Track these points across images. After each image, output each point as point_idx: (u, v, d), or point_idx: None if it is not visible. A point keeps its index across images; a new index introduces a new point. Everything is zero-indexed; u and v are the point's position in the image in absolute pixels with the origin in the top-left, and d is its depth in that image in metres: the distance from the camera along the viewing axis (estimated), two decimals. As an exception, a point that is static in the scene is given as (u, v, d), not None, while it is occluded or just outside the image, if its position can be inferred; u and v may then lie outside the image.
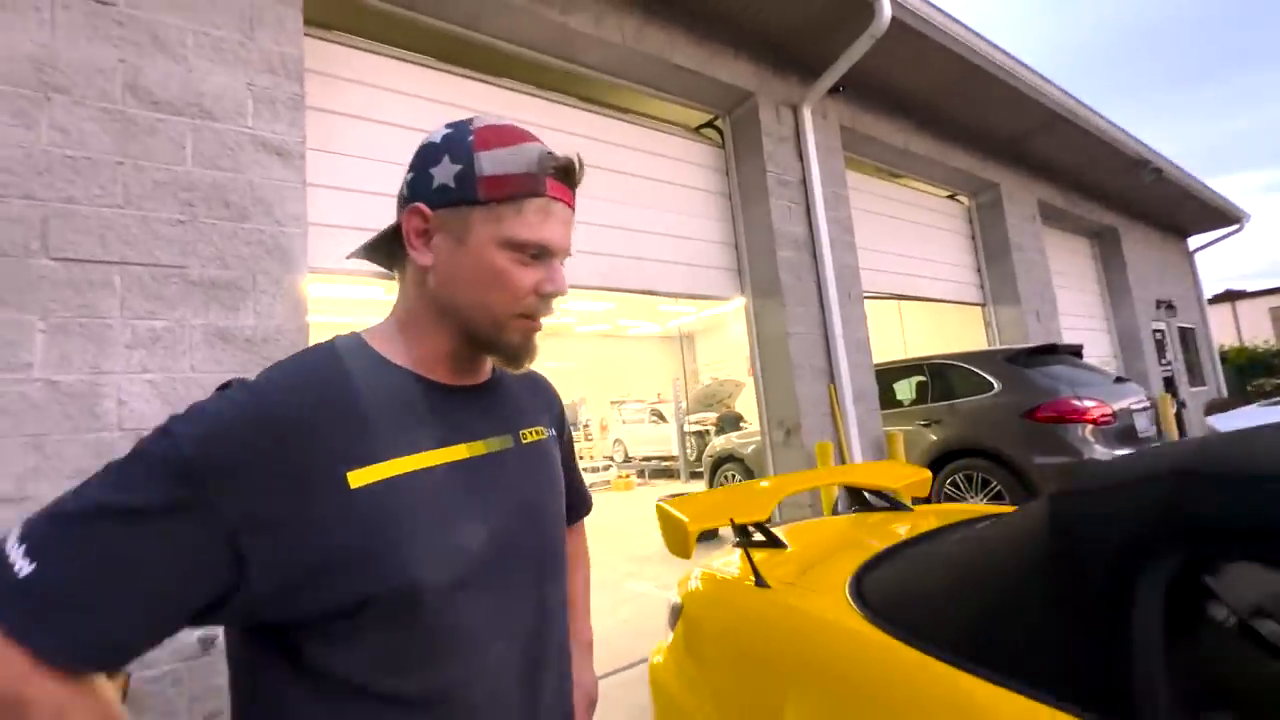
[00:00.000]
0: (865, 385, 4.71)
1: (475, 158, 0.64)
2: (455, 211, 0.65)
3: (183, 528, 0.51)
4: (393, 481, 0.59)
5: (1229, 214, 10.68)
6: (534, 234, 0.65)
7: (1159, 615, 0.88)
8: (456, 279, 0.66)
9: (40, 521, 0.50)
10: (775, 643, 1.43)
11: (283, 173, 2.52)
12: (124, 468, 0.53)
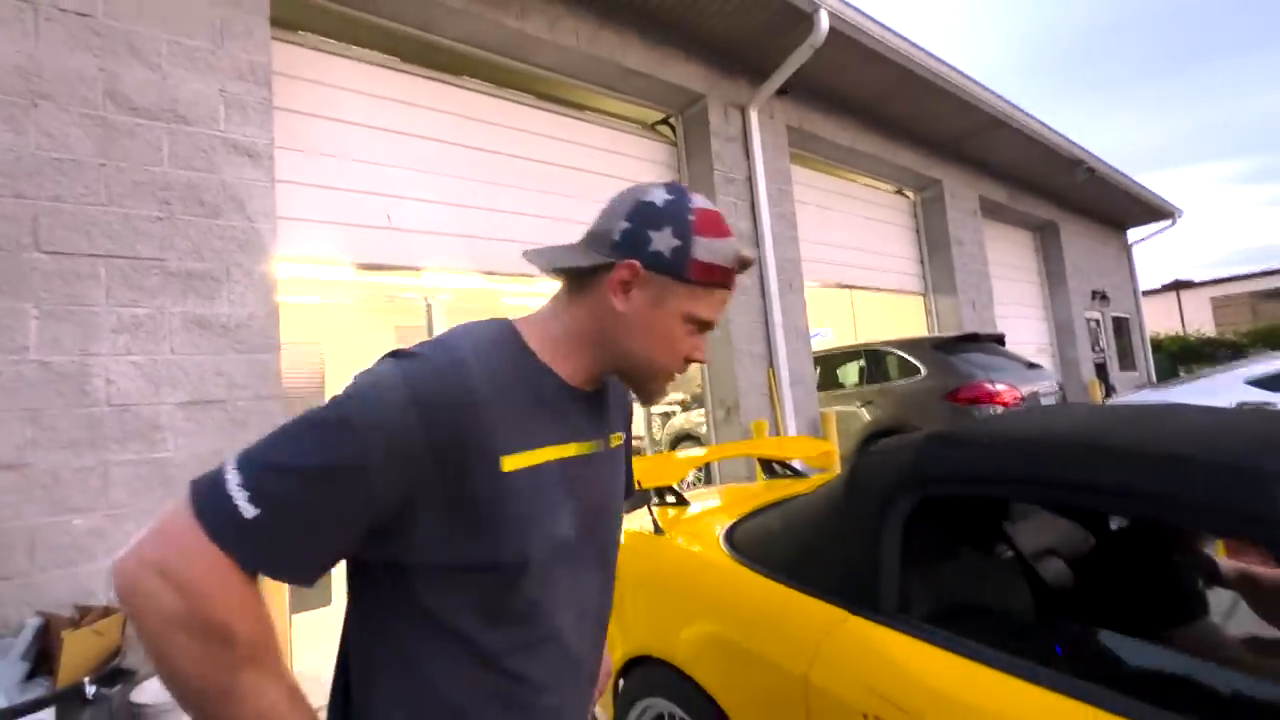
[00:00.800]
0: (803, 369, 5.12)
1: (694, 240, 0.72)
2: (662, 279, 0.72)
3: (373, 487, 0.60)
4: (531, 469, 0.69)
5: (1162, 209, 11.35)
6: (709, 314, 0.76)
7: (898, 539, 1.25)
8: (637, 330, 0.74)
9: (261, 470, 0.58)
10: (667, 576, 1.79)
11: (253, 172, 2.75)
12: (332, 430, 0.60)
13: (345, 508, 0.60)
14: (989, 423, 1.43)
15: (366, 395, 0.62)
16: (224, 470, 0.58)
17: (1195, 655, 1.06)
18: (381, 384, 0.63)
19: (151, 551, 0.56)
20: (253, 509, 0.56)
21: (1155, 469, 0.98)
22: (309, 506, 0.58)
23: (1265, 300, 24.34)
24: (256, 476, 0.57)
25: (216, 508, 0.56)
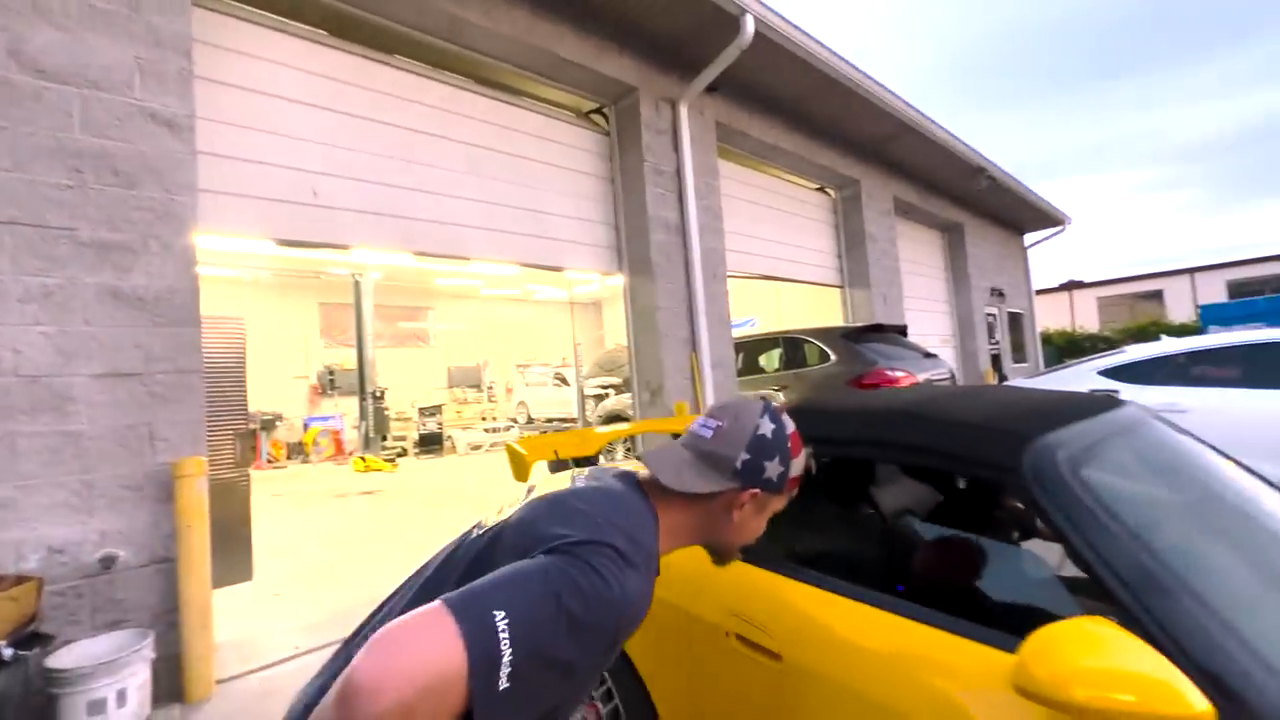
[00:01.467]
0: (724, 354, 5.43)
1: (791, 464, 0.96)
2: (768, 496, 0.95)
3: (590, 678, 0.76)
4: None
5: (1055, 217, 12.48)
6: (778, 509, 1.00)
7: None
8: (742, 530, 0.96)
9: (528, 652, 0.64)
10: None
11: (172, 143, 2.72)
12: (587, 634, 0.70)
13: (565, 693, 0.72)
14: (845, 397, 1.71)
15: (608, 605, 0.71)
16: (498, 633, 0.63)
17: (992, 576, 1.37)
18: (618, 601, 0.72)
19: (413, 691, 0.58)
20: (508, 683, 0.62)
21: (946, 431, 1.27)
22: (546, 695, 0.68)
23: (1142, 301, 27.12)
24: (523, 656, 0.64)
25: (488, 671, 0.62)
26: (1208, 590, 0.95)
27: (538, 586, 0.69)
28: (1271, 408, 3.92)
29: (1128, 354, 4.88)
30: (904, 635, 1.14)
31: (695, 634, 1.44)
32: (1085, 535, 1.02)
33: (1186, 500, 1.27)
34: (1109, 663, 0.82)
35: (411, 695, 0.58)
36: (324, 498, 7.49)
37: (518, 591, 0.68)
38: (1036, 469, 1.12)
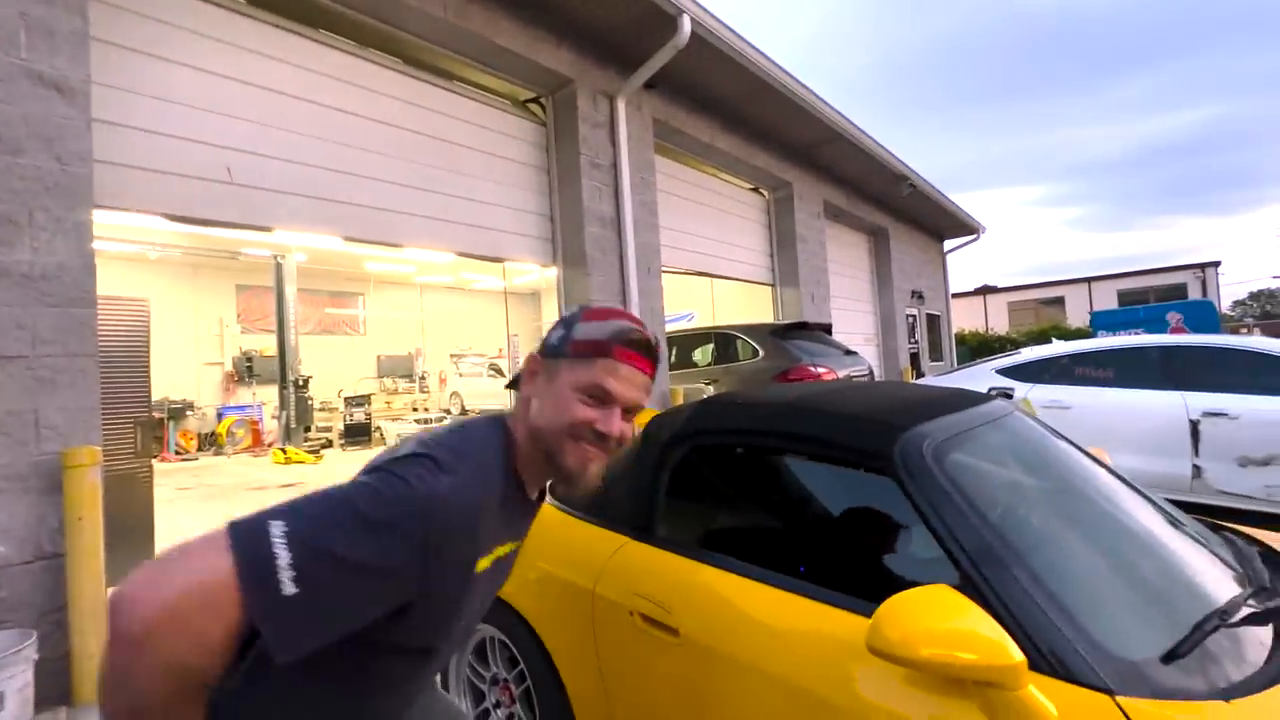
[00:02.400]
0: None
1: (575, 328, 0.88)
2: (552, 362, 0.87)
3: (401, 585, 0.69)
4: (488, 567, 0.82)
5: (970, 225, 13.34)
6: (596, 381, 0.84)
7: (668, 480, 1.59)
8: (543, 407, 0.86)
9: (310, 552, 0.62)
10: (496, 524, 2.03)
11: (63, 109, 2.52)
12: (379, 530, 0.66)
13: (372, 602, 0.67)
14: (747, 393, 1.82)
15: (407, 503, 0.68)
16: (271, 536, 0.62)
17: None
18: (422, 497, 0.69)
19: (176, 597, 0.58)
20: (294, 588, 0.60)
21: (830, 423, 1.39)
22: (342, 597, 0.64)
23: (1046, 306, 29.37)
24: (305, 557, 0.61)
25: (260, 576, 0.59)
26: (1035, 562, 1.10)
27: (331, 497, 0.68)
28: (1136, 404, 4.38)
29: (1022, 355, 5.32)
30: (791, 609, 1.24)
31: (600, 614, 1.51)
32: (940, 514, 1.16)
33: (1031, 485, 1.44)
34: (947, 625, 0.94)
35: (175, 599, 0.57)
36: (238, 491, 7.13)
37: (305, 504, 0.67)
38: (905, 456, 1.25)
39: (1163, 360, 4.45)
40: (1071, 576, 1.13)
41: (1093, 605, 1.07)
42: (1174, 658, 0.99)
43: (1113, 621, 1.05)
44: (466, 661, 1.93)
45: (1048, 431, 1.68)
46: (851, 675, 1.10)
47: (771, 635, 1.23)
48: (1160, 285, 25.60)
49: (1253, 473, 3.89)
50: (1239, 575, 1.27)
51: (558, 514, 1.82)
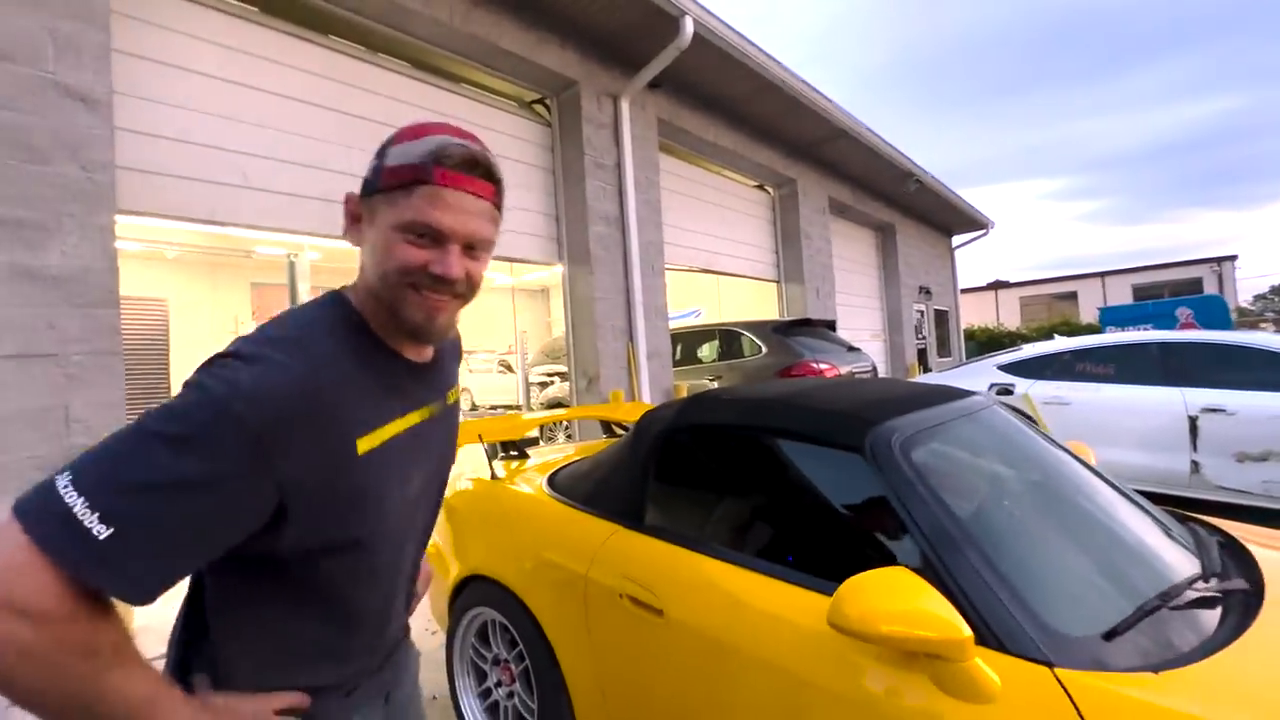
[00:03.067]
0: (660, 345, 5.63)
1: (386, 152, 0.71)
2: (369, 200, 0.72)
3: (241, 491, 0.60)
4: (382, 446, 0.71)
5: (978, 221, 13.28)
6: (419, 216, 0.68)
7: (655, 471, 1.69)
8: (374, 254, 0.72)
9: (109, 489, 0.55)
10: (497, 511, 2.13)
11: (88, 119, 2.65)
12: (181, 445, 0.57)
13: (213, 520, 0.59)
14: (732, 389, 1.91)
15: (203, 408, 0.59)
16: (57, 490, 0.55)
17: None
18: (219, 398, 0.59)
19: None
20: (106, 529, 0.53)
21: (808, 418, 1.48)
22: (167, 523, 0.56)
23: (1059, 300, 29.06)
24: (105, 496, 0.54)
25: (62, 534, 0.53)
26: (989, 545, 1.18)
27: (121, 431, 0.60)
28: (1136, 400, 4.41)
29: (1024, 351, 5.35)
30: (765, 590, 1.33)
31: (592, 597, 1.61)
32: (903, 502, 1.24)
33: (996, 474, 1.52)
34: (902, 603, 1.02)
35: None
36: (254, 484, 7.29)
37: (93, 449, 0.59)
38: (874, 448, 1.33)
39: (1162, 357, 4.47)
40: (1023, 559, 1.22)
41: (1040, 586, 1.15)
42: (1114, 635, 1.07)
43: (1058, 601, 1.14)
44: (470, 643, 2.04)
45: (1023, 425, 1.75)
46: (816, 650, 1.19)
47: (746, 614, 1.32)
48: (1175, 280, 25.26)
49: (1250, 468, 3.92)
50: (1192, 562, 1.34)
51: (555, 504, 1.92)
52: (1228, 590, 1.22)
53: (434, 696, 2.31)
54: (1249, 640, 1.06)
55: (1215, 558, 1.38)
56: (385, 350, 0.75)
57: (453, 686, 2.08)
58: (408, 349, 0.78)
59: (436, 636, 2.81)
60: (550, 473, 2.17)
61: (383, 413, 0.72)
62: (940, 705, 1.03)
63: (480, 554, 2.05)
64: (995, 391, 5.13)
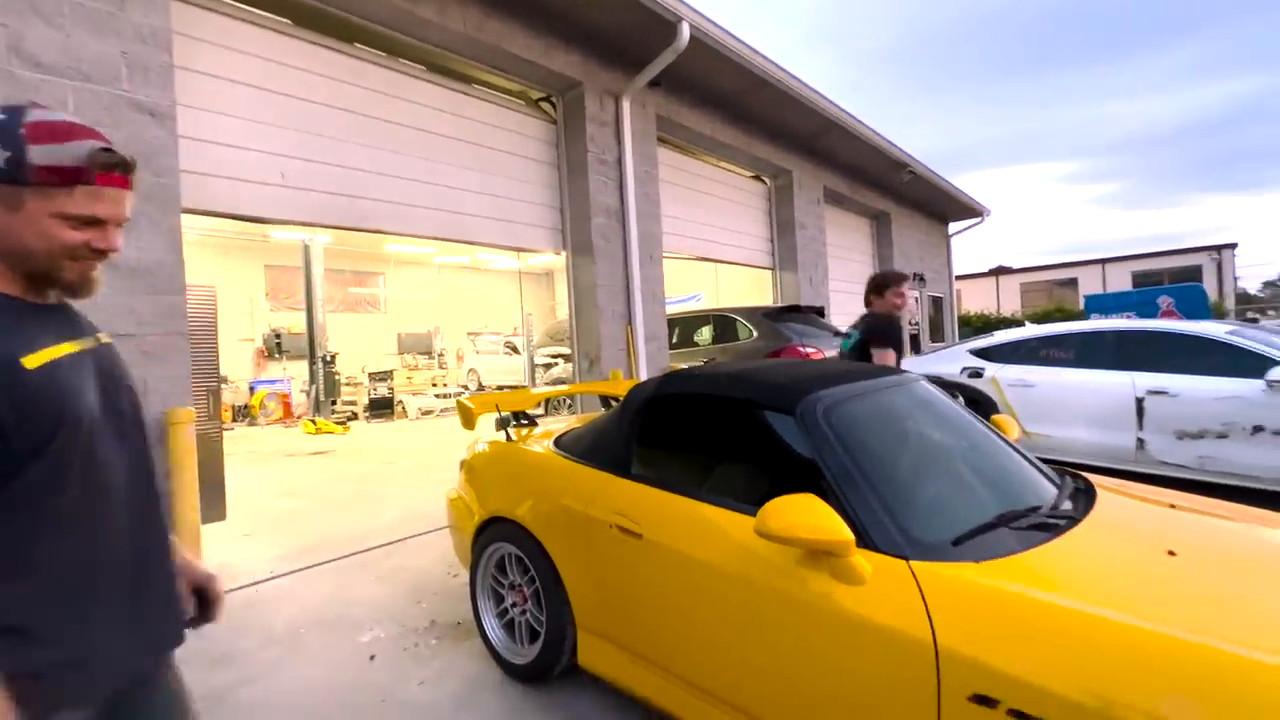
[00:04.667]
0: (657, 329, 6.05)
1: (27, 150, 0.80)
2: (9, 188, 0.81)
3: None
4: (52, 362, 0.83)
5: (974, 209, 13.56)
6: (85, 210, 0.83)
7: (639, 433, 2.12)
8: (21, 236, 0.82)
9: None
10: (512, 466, 2.58)
11: (156, 131, 3.06)
12: None
13: None
14: (702, 367, 2.33)
15: None
16: None
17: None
18: None
19: None
20: None
21: (755, 388, 1.90)
22: None
23: (1060, 287, 29.26)
24: None
25: None
26: (876, 480, 1.61)
27: None
28: (1091, 383, 4.82)
29: (995, 338, 5.74)
30: (716, 517, 1.77)
31: (591, 530, 2.05)
32: (819, 451, 1.67)
33: (900, 430, 1.94)
34: (808, 517, 1.45)
35: None
36: (276, 457, 7.79)
37: None
38: (803, 413, 1.76)
39: (1117, 344, 4.87)
40: (901, 490, 1.64)
41: (911, 509, 1.58)
42: (960, 541, 1.50)
43: (922, 519, 1.56)
44: (490, 574, 2.50)
45: (936, 397, 2.17)
46: (749, 554, 1.63)
47: (701, 533, 1.76)
48: (1175, 267, 25.44)
49: (1188, 445, 4.33)
50: (1044, 498, 1.77)
51: (561, 460, 2.36)
52: (1056, 516, 1.65)
53: (459, 623, 2.79)
54: (1049, 547, 1.49)
55: (1065, 496, 1.81)
56: (13, 302, 0.86)
57: (476, 611, 2.54)
58: (36, 295, 0.89)
59: (458, 579, 3.29)
60: (556, 436, 2.62)
61: (37, 341, 0.83)
62: (831, 587, 1.47)
63: (498, 500, 2.49)
64: (967, 374, 5.54)
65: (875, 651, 1.38)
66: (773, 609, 1.57)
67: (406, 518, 4.47)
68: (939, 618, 1.32)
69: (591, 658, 2.10)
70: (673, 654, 1.83)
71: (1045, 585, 1.33)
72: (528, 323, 13.35)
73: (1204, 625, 1.17)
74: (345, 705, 2.20)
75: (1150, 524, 1.69)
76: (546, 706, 2.15)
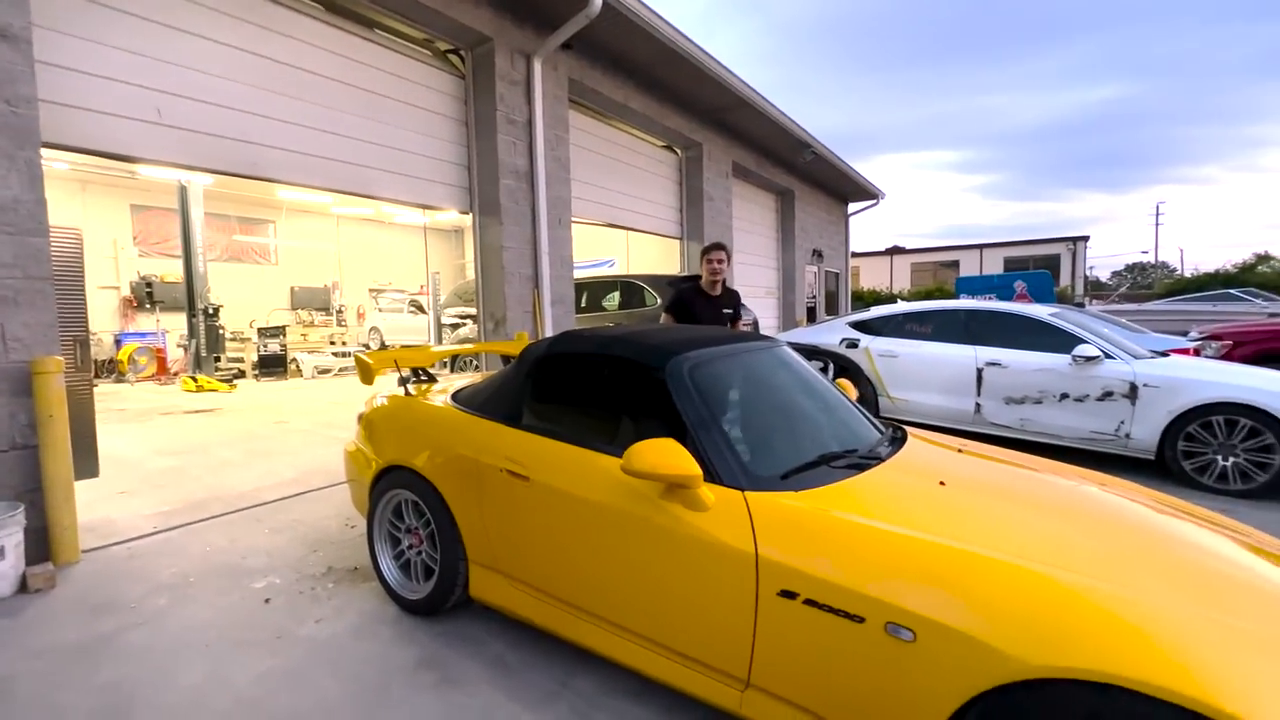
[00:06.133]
0: (564, 292, 6.19)
1: None
2: None
3: None
4: None
5: (870, 191, 14.53)
6: None
7: (531, 386, 2.32)
8: None
9: None
10: (411, 419, 2.70)
11: (9, 54, 2.80)
12: None
13: None
14: (589, 329, 2.56)
15: None
16: None
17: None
18: None
19: None
20: None
21: (631, 349, 2.15)
22: None
23: (944, 268, 31.97)
24: None
25: None
26: (724, 426, 1.91)
27: None
28: (943, 355, 5.52)
29: (871, 313, 6.38)
30: (592, 460, 2.02)
31: (483, 475, 2.25)
32: (681, 402, 1.95)
33: (753, 386, 2.27)
34: (665, 457, 1.72)
35: None
36: (151, 415, 7.30)
37: None
38: (671, 371, 2.03)
39: (966, 321, 5.59)
40: (745, 434, 1.97)
41: (752, 449, 1.90)
42: (788, 475, 1.83)
43: (760, 457, 1.89)
44: (388, 519, 2.64)
45: (791, 360, 2.53)
46: (617, 489, 1.89)
47: (579, 473, 2.01)
48: (1039, 255, 28.47)
49: (1013, 409, 5.11)
50: (865, 442, 2.16)
51: (458, 412, 2.52)
52: (868, 457, 2.03)
53: (356, 568, 2.91)
54: (854, 480, 1.86)
55: (883, 443, 2.21)
56: None
57: (373, 554, 2.68)
58: None
59: (356, 529, 3.38)
60: (453, 391, 2.76)
61: None
62: (682, 514, 1.76)
63: (396, 450, 2.62)
64: (844, 344, 6.14)
65: (714, 562, 1.70)
66: (636, 534, 1.85)
67: (302, 475, 4.44)
68: (760, 534, 1.64)
69: (482, 589, 2.33)
70: (553, 579, 2.09)
71: (841, 507, 1.69)
72: (434, 281, 12.97)
73: (950, 532, 1.56)
74: (239, 642, 2.30)
75: (935, 463, 2.12)
76: (440, 633, 2.36)
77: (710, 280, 3.82)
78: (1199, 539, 1.70)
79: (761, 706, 1.65)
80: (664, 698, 1.97)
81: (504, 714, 1.92)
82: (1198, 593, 1.38)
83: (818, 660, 1.53)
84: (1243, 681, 1.14)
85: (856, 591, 1.47)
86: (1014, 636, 1.30)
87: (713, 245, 3.85)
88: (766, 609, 1.60)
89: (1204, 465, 4.23)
